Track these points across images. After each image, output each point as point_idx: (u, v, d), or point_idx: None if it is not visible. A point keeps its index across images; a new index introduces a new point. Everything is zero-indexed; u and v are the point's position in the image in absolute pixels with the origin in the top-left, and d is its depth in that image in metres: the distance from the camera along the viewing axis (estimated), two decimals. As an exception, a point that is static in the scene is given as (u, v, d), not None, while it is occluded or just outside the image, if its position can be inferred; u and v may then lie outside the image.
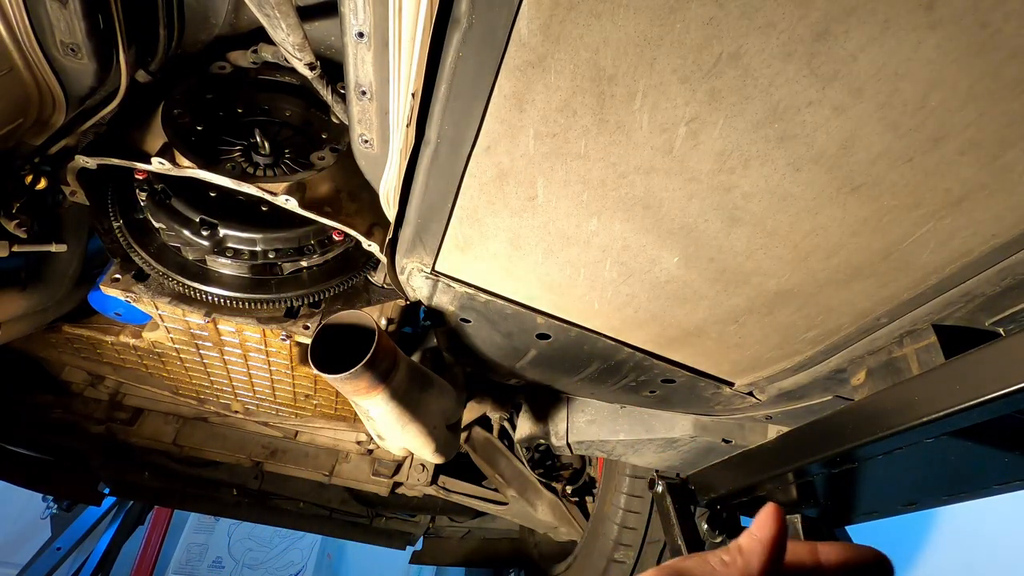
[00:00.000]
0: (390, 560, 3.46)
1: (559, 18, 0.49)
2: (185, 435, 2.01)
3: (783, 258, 0.72)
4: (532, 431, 1.81)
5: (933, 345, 0.74)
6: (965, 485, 0.83)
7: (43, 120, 0.97)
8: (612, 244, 0.76)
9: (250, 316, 1.16)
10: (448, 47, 0.54)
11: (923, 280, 0.71)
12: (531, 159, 0.66)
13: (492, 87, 0.57)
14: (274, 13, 0.73)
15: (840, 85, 0.50)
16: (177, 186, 1.09)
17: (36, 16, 0.83)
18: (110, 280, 1.13)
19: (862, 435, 0.71)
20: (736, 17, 0.46)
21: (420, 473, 2.12)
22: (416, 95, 0.61)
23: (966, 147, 0.54)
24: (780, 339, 0.89)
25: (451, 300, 0.97)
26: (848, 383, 0.90)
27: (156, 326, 1.36)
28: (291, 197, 0.98)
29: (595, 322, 0.95)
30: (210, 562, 4.00)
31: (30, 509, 3.37)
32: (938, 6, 0.43)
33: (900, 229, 0.64)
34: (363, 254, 1.18)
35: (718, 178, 0.63)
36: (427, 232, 0.83)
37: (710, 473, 1.11)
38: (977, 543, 2.69)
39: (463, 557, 2.58)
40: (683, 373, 1.03)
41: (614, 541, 1.78)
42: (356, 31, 0.65)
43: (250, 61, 1.13)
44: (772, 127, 0.55)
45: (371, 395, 1.04)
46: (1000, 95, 0.49)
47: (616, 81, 0.54)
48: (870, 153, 0.56)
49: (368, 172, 0.93)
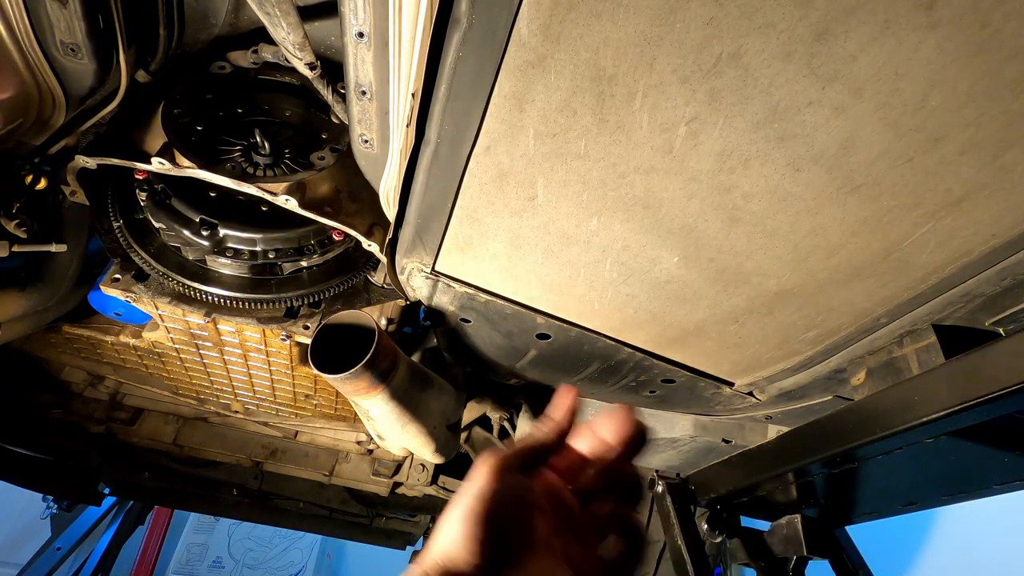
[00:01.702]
0: (390, 560, 3.46)
1: (559, 18, 0.49)
2: (185, 435, 2.01)
3: (783, 258, 0.72)
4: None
5: (933, 345, 0.74)
6: (965, 485, 0.84)
7: (43, 120, 0.97)
8: (612, 244, 0.76)
9: (250, 316, 1.16)
10: (448, 47, 0.54)
11: (923, 280, 0.71)
12: (531, 159, 0.66)
13: (492, 87, 0.57)
14: (275, 12, 0.73)
15: (840, 85, 0.50)
16: (177, 186, 1.09)
17: (36, 16, 0.82)
18: (110, 280, 1.13)
19: (862, 435, 0.71)
20: (736, 17, 0.46)
21: (420, 473, 2.12)
22: (416, 95, 0.61)
23: (966, 147, 0.54)
24: (780, 339, 0.89)
25: (451, 300, 0.97)
26: (848, 383, 0.90)
27: (156, 326, 1.36)
28: (291, 197, 0.98)
29: (595, 322, 0.95)
30: (210, 562, 4.00)
31: (30, 509, 3.38)
32: (938, 6, 0.43)
33: (900, 229, 0.64)
34: (363, 254, 1.18)
35: (718, 178, 0.63)
36: (427, 232, 0.83)
37: (710, 473, 1.12)
38: (977, 543, 2.69)
39: (463, 557, 2.58)
40: (683, 373, 1.03)
41: (614, 541, 1.78)
42: (356, 31, 0.65)
43: (250, 61, 1.13)
44: (772, 127, 0.55)
45: (371, 395, 1.04)
46: (1000, 95, 0.49)
47: (616, 81, 0.54)
48: (870, 153, 0.56)
49: (368, 172, 0.93)
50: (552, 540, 0.45)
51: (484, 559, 0.41)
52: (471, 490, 0.43)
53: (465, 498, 0.43)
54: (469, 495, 0.43)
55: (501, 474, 0.44)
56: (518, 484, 0.45)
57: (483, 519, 0.42)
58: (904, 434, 0.66)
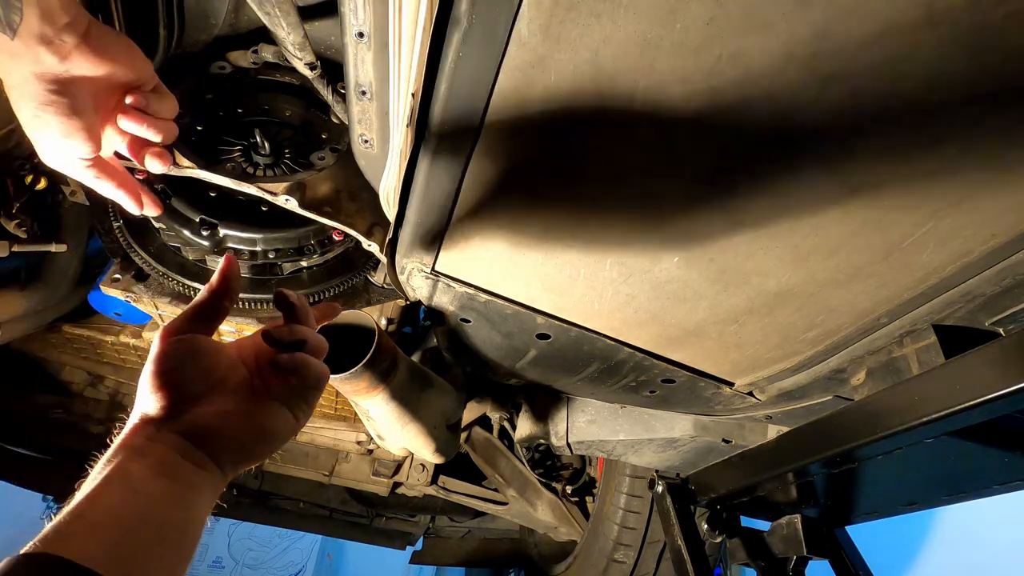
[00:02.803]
0: (390, 560, 3.46)
1: (559, 18, 0.49)
2: (185, 435, 2.01)
3: (783, 258, 0.72)
4: (532, 431, 1.81)
5: (933, 345, 0.74)
6: (965, 485, 0.83)
7: (43, 120, 0.97)
8: (612, 244, 0.76)
9: (250, 316, 1.16)
10: (448, 47, 0.54)
11: (923, 280, 0.71)
12: (531, 159, 0.66)
13: (492, 87, 0.57)
14: (275, 12, 0.73)
15: (840, 85, 0.50)
16: (177, 186, 1.09)
17: (36, 16, 0.82)
18: (110, 280, 1.13)
19: (862, 435, 0.71)
20: (736, 17, 0.46)
21: (420, 473, 2.12)
22: (416, 95, 0.60)
23: (965, 147, 0.54)
24: (780, 339, 0.89)
25: (451, 300, 0.97)
26: (848, 383, 0.90)
27: (156, 326, 1.36)
28: (291, 197, 0.98)
29: (595, 322, 0.95)
30: (210, 562, 4.00)
31: (30, 509, 3.37)
32: (938, 6, 0.43)
33: (900, 229, 0.64)
34: (363, 254, 1.18)
35: (720, 176, 0.63)
36: (427, 232, 0.83)
37: (710, 473, 1.11)
38: (977, 543, 2.69)
39: (463, 557, 2.58)
40: (683, 373, 1.03)
41: (614, 541, 1.78)
42: (356, 31, 0.65)
43: (250, 61, 1.13)
44: (772, 127, 0.55)
45: (371, 395, 1.04)
46: (1003, 96, 0.49)
47: (616, 81, 0.54)
48: (870, 153, 0.56)
49: (368, 172, 0.93)
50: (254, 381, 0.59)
51: (166, 401, 0.52)
52: (148, 359, 0.55)
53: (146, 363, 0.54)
54: (147, 363, 0.54)
55: (166, 337, 0.55)
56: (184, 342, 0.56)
57: (157, 375, 0.53)
58: (904, 434, 0.66)
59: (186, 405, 0.54)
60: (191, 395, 0.54)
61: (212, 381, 0.56)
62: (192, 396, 0.54)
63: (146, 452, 0.49)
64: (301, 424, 0.61)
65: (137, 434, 0.51)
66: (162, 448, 0.50)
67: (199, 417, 0.53)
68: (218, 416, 0.54)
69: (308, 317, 0.65)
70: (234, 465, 0.55)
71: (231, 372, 0.59)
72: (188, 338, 0.57)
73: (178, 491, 0.48)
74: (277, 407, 0.59)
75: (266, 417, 0.57)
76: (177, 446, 0.51)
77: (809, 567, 1.02)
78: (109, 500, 0.45)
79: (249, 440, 0.56)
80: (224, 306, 0.60)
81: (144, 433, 0.51)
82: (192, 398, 0.54)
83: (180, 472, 0.50)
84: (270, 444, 0.58)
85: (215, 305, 0.59)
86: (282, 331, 0.60)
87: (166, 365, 0.54)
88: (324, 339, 0.64)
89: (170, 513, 0.47)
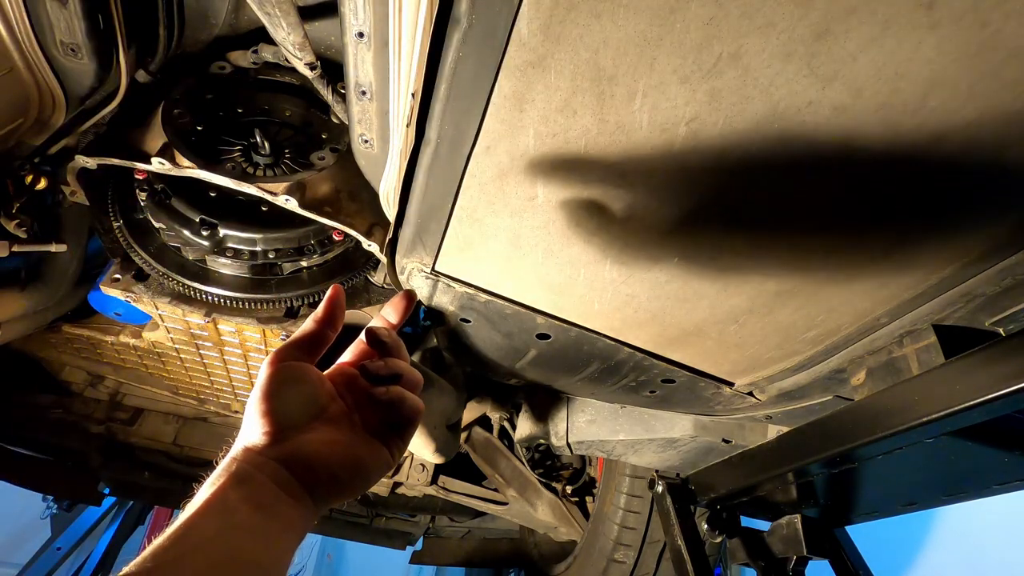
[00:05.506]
0: (390, 560, 3.46)
1: (559, 18, 0.49)
2: (185, 435, 2.01)
3: (783, 257, 0.72)
4: (532, 431, 1.81)
5: (933, 345, 0.74)
6: (965, 485, 0.83)
7: (43, 120, 0.97)
8: (612, 243, 0.76)
9: (250, 316, 1.16)
10: (448, 47, 0.54)
11: (923, 280, 0.71)
12: (531, 159, 0.66)
13: (492, 87, 0.57)
14: (275, 12, 0.73)
15: (840, 85, 0.50)
16: (177, 186, 1.09)
17: (36, 16, 0.83)
18: (110, 280, 1.13)
19: (862, 435, 0.71)
20: (736, 17, 0.47)
21: (420, 473, 2.12)
22: (416, 95, 0.61)
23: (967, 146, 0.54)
24: (780, 339, 0.89)
25: (451, 300, 0.97)
26: (848, 383, 0.90)
27: (156, 326, 1.36)
28: (291, 197, 0.98)
29: (595, 322, 0.95)
30: (210, 562, 3.99)
31: (30, 509, 3.38)
32: (938, 6, 0.43)
33: (900, 227, 0.64)
34: (363, 254, 1.18)
35: (719, 178, 0.63)
36: (427, 232, 0.83)
37: (710, 473, 1.11)
38: (977, 543, 2.70)
39: (463, 557, 2.58)
40: (683, 373, 1.03)
41: (614, 541, 1.78)
42: (356, 31, 0.65)
43: (250, 61, 1.13)
44: (772, 127, 0.55)
45: (371, 395, 1.04)
46: (1000, 95, 0.49)
47: (616, 81, 0.54)
48: (871, 153, 0.56)
49: (368, 172, 0.93)
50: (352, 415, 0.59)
51: (272, 427, 0.53)
52: (256, 383, 0.55)
53: (253, 390, 0.55)
54: (255, 387, 0.55)
55: (275, 362, 0.57)
56: (292, 368, 0.57)
57: (264, 399, 0.54)
58: (904, 434, 0.66)
59: (290, 432, 0.54)
60: (294, 422, 0.55)
61: (314, 410, 0.57)
62: (295, 423, 0.55)
63: (247, 479, 0.49)
64: (395, 461, 0.60)
65: (241, 458, 0.51)
66: (262, 477, 0.50)
67: (301, 445, 0.53)
68: (319, 445, 0.54)
69: (401, 350, 0.64)
70: (327, 499, 0.54)
71: (332, 403, 0.59)
72: (295, 364, 0.58)
73: (273, 530, 0.48)
74: (373, 441, 0.58)
75: (363, 451, 0.57)
76: (277, 476, 0.51)
77: (809, 567, 1.02)
78: (203, 531, 0.45)
79: (345, 473, 0.55)
80: (328, 335, 0.62)
81: (246, 459, 0.51)
82: (295, 426, 0.54)
83: (277, 508, 0.49)
84: (365, 479, 0.57)
85: (320, 334, 0.61)
86: (378, 365, 0.60)
87: (274, 388, 0.55)
88: (419, 373, 0.63)
89: (260, 555, 0.47)
